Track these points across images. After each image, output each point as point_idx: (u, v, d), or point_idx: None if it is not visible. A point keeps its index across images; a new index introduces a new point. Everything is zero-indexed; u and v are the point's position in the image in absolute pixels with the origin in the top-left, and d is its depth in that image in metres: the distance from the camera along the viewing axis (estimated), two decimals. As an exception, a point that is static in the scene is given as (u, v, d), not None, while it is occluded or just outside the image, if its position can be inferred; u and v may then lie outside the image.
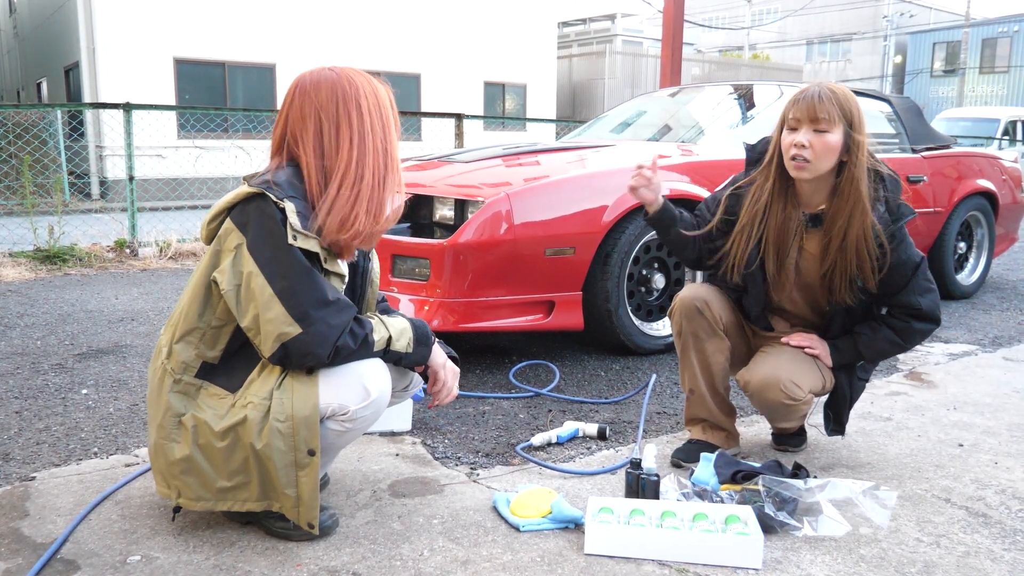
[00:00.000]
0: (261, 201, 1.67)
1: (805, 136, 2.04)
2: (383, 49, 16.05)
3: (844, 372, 2.27)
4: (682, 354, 2.31)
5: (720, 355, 2.28)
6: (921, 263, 2.14)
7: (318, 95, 1.73)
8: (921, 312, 2.15)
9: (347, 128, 1.73)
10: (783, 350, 2.24)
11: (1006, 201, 5.39)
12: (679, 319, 2.28)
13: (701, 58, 25.11)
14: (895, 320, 2.19)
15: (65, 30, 14.45)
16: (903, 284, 2.14)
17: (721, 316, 2.27)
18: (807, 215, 2.19)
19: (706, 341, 2.26)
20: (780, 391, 2.14)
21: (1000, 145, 14.98)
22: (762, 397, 2.18)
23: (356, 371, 1.73)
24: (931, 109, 27.38)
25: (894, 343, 2.19)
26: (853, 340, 2.22)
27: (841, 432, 2.35)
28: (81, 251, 6.00)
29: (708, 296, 2.27)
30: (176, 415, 1.74)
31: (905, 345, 2.20)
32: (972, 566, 1.77)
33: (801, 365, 2.20)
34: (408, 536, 1.85)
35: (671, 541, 1.76)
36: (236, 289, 1.68)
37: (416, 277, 3.20)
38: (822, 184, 2.13)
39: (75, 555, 1.74)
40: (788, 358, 2.21)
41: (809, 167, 2.06)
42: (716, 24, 37.99)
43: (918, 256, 2.14)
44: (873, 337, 2.20)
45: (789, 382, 2.14)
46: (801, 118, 2.05)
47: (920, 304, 2.14)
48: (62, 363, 3.33)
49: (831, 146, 2.04)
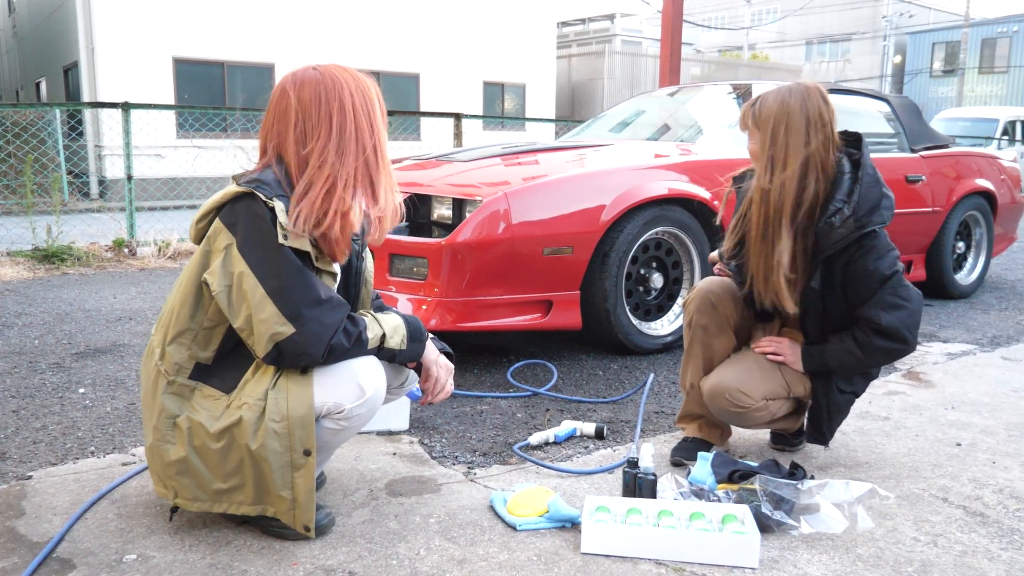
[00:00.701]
0: (250, 200, 1.67)
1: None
2: (382, 49, 16.04)
3: (819, 380, 2.22)
4: (688, 346, 2.31)
5: (725, 353, 2.28)
6: (892, 277, 2.07)
7: (301, 94, 1.72)
8: (881, 327, 2.06)
9: (327, 127, 1.72)
10: (744, 356, 2.25)
11: (1005, 201, 5.39)
12: (692, 310, 2.29)
13: (700, 58, 25.12)
14: (858, 332, 2.12)
15: (64, 30, 14.45)
16: (868, 296, 2.08)
17: (733, 314, 2.27)
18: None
19: (714, 337, 2.27)
20: (726, 399, 2.16)
21: (999, 145, 14.98)
22: (712, 405, 2.22)
23: (351, 369, 1.73)
24: (930, 109, 27.37)
25: (856, 357, 2.12)
26: (821, 347, 2.18)
27: (822, 442, 2.29)
28: (79, 250, 5.99)
29: (723, 292, 2.27)
30: (170, 417, 1.73)
31: (866, 360, 2.12)
32: (969, 565, 1.77)
33: (756, 372, 2.19)
34: (405, 535, 1.85)
35: (668, 540, 1.76)
36: (227, 290, 1.67)
37: (414, 276, 3.19)
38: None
39: (71, 554, 1.74)
40: (744, 365, 2.21)
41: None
42: (715, 24, 37.99)
43: (890, 269, 2.07)
44: (838, 347, 2.14)
45: (735, 390, 2.15)
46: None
47: (880, 319, 2.06)
48: (59, 362, 3.32)
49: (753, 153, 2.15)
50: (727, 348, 2.28)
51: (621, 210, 3.31)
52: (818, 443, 2.30)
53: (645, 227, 3.43)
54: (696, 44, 30.77)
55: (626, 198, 3.34)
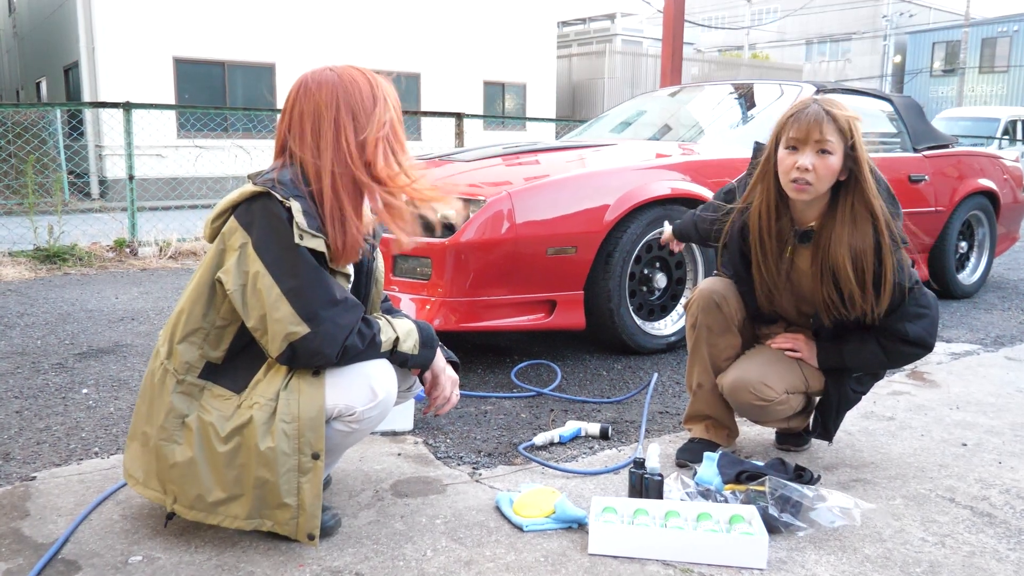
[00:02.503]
0: (266, 200, 1.66)
1: (808, 159, 1.99)
2: (383, 48, 16.04)
3: (832, 377, 2.23)
4: (693, 347, 2.30)
5: (731, 351, 2.27)
6: (914, 288, 2.08)
7: (318, 95, 1.72)
8: (908, 338, 2.10)
9: (342, 129, 1.71)
10: (762, 351, 2.25)
11: (1007, 200, 5.39)
12: (696, 311, 2.27)
13: (701, 58, 25.11)
14: (883, 339, 2.13)
15: (64, 29, 14.44)
16: (893, 309, 2.09)
17: (737, 313, 2.26)
18: (797, 231, 2.15)
19: (719, 336, 2.26)
20: (749, 392, 2.16)
21: (1000, 144, 14.97)
22: (735, 399, 2.21)
23: (363, 372, 1.72)
24: (931, 109, 27.36)
25: (879, 359, 2.15)
26: (839, 345, 2.19)
27: (826, 438, 2.30)
28: (81, 251, 5.99)
29: (727, 292, 2.26)
30: (180, 416, 1.72)
31: (889, 363, 2.17)
32: (977, 566, 1.76)
33: (776, 366, 2.19)
34: (411, 536, 1.85)
35: (675, 541, 1.76)
36: (242, 289, 1.67)
37: (417, 276, 3.19)
38: (817, 202, 2.09)
39: (76, 555, 1.74)
40: (764, 359, 2.21)
41: (810, 190, 2.02)
42: (716, 24, 37.98)
43: (910, 281, 2.08)
44: (860, 348, 2.15)
45: (759, 383, 2.15)
46: (802, 139, 1.99)
47: (907, 332, 2.09)
48: (62, 363, 3.32)
49: (834, 169, 2.00)
50: (733, 347, 2.27)
51: (625, 210, 3.31)
52: (822, 438, 2.31)
53: (648, 227, 3.42)
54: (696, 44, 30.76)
55: (629, 198, 3.33)
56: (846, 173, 2.03)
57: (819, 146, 1.98)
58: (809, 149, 1.99)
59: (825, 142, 1.97)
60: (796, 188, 2.02)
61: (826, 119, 1.98)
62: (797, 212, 2.14)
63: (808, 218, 2.13)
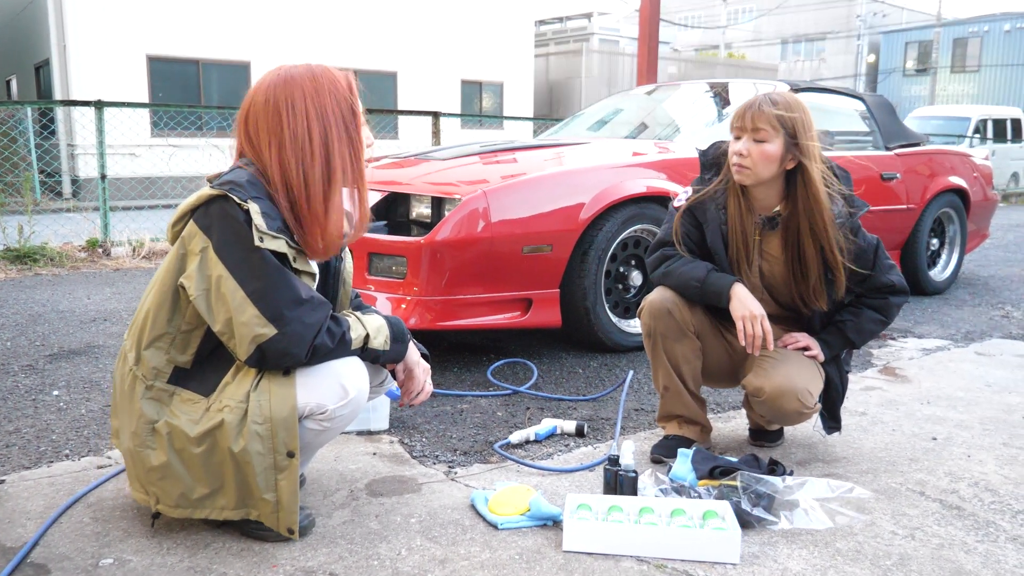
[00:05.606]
0: (224, 203, 1.64)
1: (744, 145, 2.14)
2: (359, 47, 15.96)
3: (833, 365, 2.29)
4: (653, 353, 2.31)
5: (691, 353, 2.28)
6: (879, 245, 2.25)
7: (274, 95, 1.70)
8: (895, 287, 2.26)
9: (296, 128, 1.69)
10: (790, 356, 2.22)
11: (977, 198, 5.46)
12: (648, 320, 2.29)
13: (677, 57, 25.22)
14: (873, 300, 2.27)
15: (35, 26, 14.22)
16: (870, 268, 2.23)
17: (691, 317, 2.27)
18: (763, 217, 2.24)
19: (675, 341, 2.26)
20: (796, 400, 2.13)
21: (971, 143, 15.18)
22: (775, 404, 2.15)
23: (334, 370, 1.72)
24: (903, 108, 27.66)
25: (878, 321, 2.28)
26: (840, 329, 2.27)
27: (838, 428, 2.37)
28: (52, 251, 5.91)
29: (677, 298, 2.27)
30: (149, 422, 1.71)
31: (887, 320, 2.30)
32: (946, 558, 1.79)
33: (808, 369, 2.20)
34: (386, 535, 1.84)
35: (649, 537, 1.77)
36: (205, 293, 1.65)
37: (393, 275, 3.18)
38: (771, 189, 2.20)
39: (46, 559, 1.71)
40: (798, 365, 2.20)
41: (748, 173, 2.16)
42: (692, 23, 38.19)
43: (874, 239, 2.25)
44: (858, 321, 2.27)
45: (805, 391, 2.14)
46: (741, 127, 2.16)
47: (892, 280, 2.25)
48: (32, 364, 3.27)
49: (769, 155, 2.12)
50: (692, 350, 2.28)
51: (600, 208, 3.32)
52: (835, 431, 2.38)
53: (624, 225, 3.43)
54: (673, 43, 30.88)
55: (605, 196, 3.34)
56: (794, 162, 2.14)
57: (755, 135, 2.14)
58: (746, 136, 2.15)
59: (759, 131, 2.12)
60: (736, 170, 2.18)
61: (759, 111, 2.12)
62: (757, 200, 2.24)
63: (769, 205, 2.23)
